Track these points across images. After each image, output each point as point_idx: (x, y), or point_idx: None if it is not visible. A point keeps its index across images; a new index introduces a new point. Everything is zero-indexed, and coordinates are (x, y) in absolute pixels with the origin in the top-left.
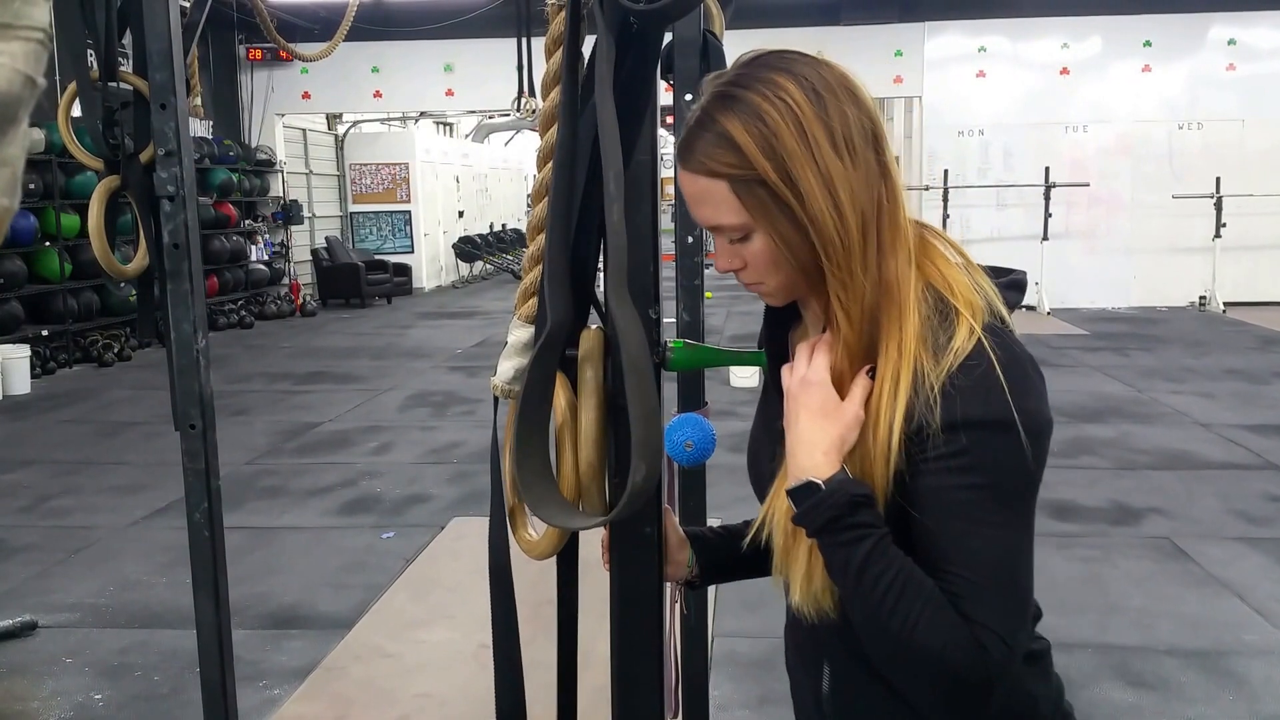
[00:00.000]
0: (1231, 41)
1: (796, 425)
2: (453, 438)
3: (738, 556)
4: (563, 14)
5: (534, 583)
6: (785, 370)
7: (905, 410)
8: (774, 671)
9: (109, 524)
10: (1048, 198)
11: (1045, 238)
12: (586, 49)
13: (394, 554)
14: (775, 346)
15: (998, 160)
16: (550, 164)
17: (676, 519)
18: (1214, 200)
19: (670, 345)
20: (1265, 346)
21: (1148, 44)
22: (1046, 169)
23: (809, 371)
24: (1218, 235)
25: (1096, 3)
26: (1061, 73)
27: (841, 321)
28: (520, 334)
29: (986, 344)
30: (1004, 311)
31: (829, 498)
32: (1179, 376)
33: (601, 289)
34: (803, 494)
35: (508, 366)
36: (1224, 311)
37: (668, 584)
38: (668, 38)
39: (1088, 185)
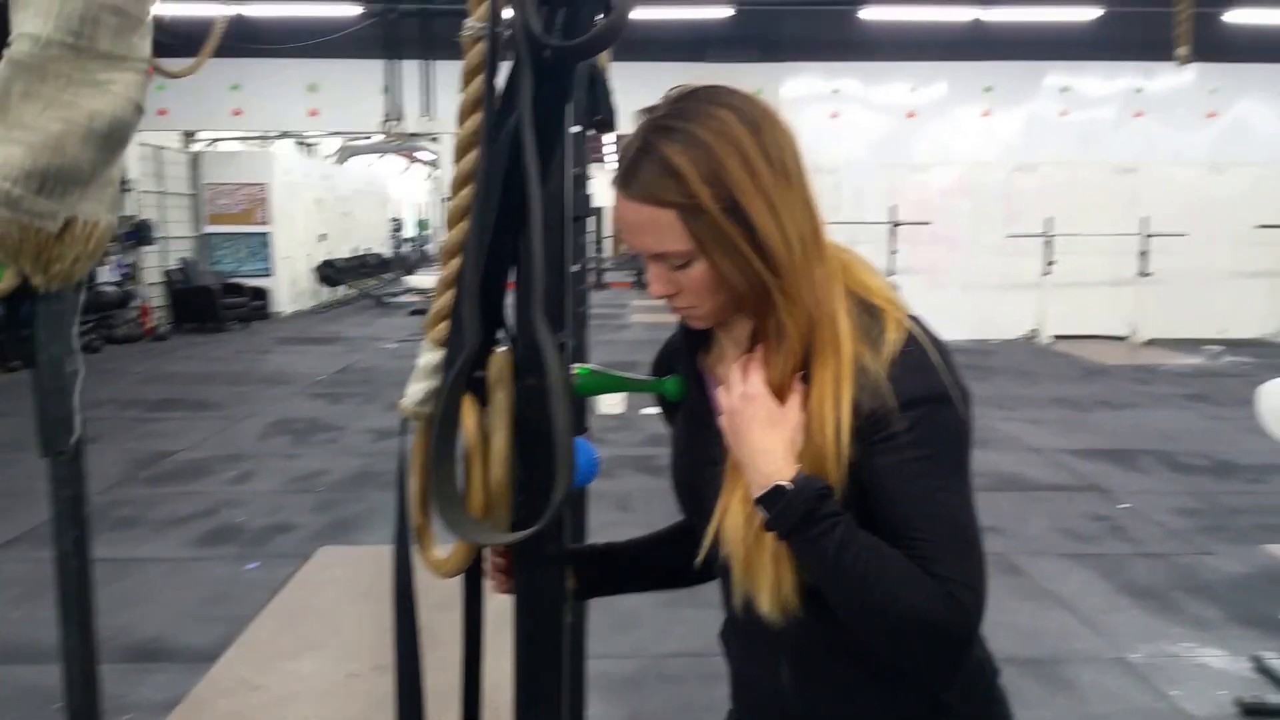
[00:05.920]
0: (1065, 89)
1: (748, 438)
2: (316, 466)
3: (618, 573)
4: (480, 44)
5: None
6: (722, 392)
7: (852, 404)
8: (642, 690)
9: None
10: (893, 236)
11: (891, 273)
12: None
13: (259, 584)
14: (687, 372)
15: (848, 199)
16: (466, 189)
17: None
18: (1044, 239)
19: (576, 371)
20: (1089, 376)
21: (988, 89)
22: (892, 208)
23: (747, 387)
24: (1047, 272)
25: (942, 49)
26: (908, 116)
27: (791, 333)
28: (430, 357)
29: (914, 331)
30: (906, 304)
31: (798, 495)
32: (1010, 404)
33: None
34: (772, 499)
35: (417, 389)
36: (1052, 344)
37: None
38: None
39: (930, 224)
